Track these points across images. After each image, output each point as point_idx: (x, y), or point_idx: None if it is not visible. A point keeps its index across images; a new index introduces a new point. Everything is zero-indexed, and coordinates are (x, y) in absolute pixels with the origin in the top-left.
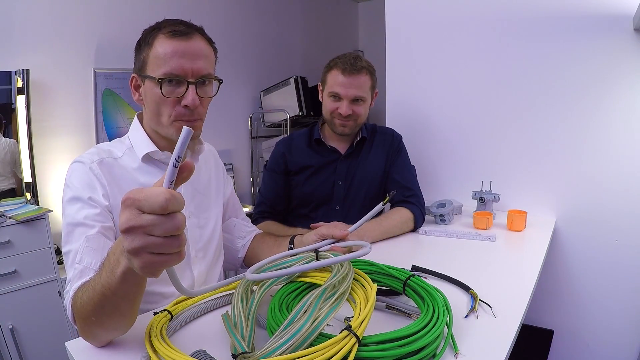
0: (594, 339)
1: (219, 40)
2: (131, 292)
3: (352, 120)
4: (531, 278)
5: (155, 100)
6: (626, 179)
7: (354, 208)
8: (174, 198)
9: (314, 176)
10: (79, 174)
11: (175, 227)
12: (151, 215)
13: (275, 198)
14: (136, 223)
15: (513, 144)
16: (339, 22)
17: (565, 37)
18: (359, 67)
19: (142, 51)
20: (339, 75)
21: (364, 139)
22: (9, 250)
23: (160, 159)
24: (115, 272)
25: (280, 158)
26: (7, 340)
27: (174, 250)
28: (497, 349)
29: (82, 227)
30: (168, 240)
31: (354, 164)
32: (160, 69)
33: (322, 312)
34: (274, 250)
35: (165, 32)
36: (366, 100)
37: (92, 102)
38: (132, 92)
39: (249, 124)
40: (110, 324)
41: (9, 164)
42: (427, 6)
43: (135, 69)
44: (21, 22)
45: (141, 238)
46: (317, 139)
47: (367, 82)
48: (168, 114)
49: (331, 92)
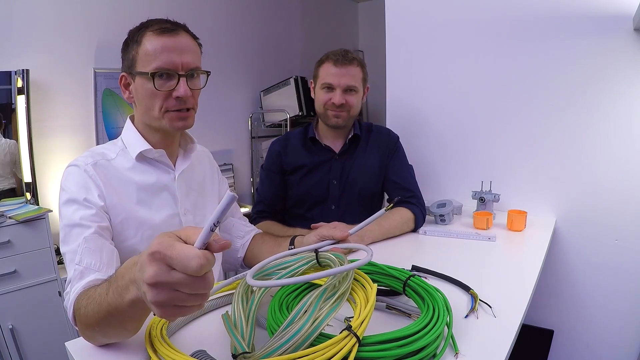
0: (594, 339)
1: (220, 40)
2: (138, 315)
3: (345, 110)
4: (531, 278)
5: (148, 95)
6: (626, 179)
7: (349, 207)
8: (208, 262)
9: (308, 176)
10: (73, 177)
11: (205, 288)
12: (182, 275)
13: (273, 197)
14: (165, 279)
15: (513, 143)
16: (339, 22)
17: (566, 37)
18: (350, 58)
19: (131, 50)
20: (331, 67)
21: (358, 137)
22: (9, 250)
23: (154, 157)
24: (124, 297)
25: (276, 158)
26: (7, 340)
27: (198, 303)
28: (497, 349)
29: (79, 228)
30: (195, 296)
31: (348, 163)
32: (151, 64)
33: (323, 312)
34: (275, 251)
35: (153, 29)
36: (358, 91)
37: (92, 102)
38: (122, 90)
39: (249, 124)
40: (113, 335)
41: (9, 164)
42: (427, 6)
43: (124, 68)
44: (21, 22)
45: (167, 293)
46: (311, 138)
47: (358, 73)
48: (159, 107)
49: (324, 83)
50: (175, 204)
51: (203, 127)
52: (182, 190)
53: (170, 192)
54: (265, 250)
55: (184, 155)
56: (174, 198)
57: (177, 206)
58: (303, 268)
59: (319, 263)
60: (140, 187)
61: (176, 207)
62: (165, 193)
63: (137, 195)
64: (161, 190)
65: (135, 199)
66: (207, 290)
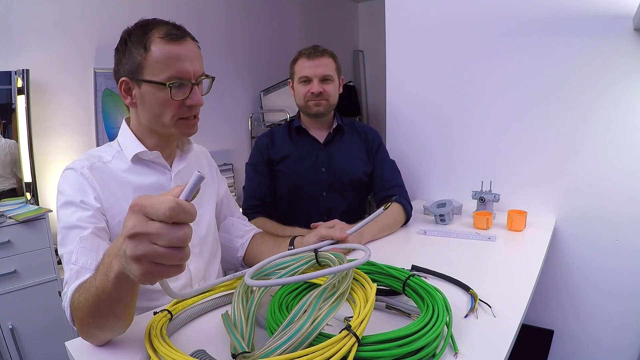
0: (594, 339)
1: (220, 40)
2: (125, 296)
3: (324, 99)
4: (531, 278)
5: (159, 103)
6: (626, 179)
7: (340, 193)
8: (181, 207)
9: (297, 164)
10: (70, 180)
11: (181, 239)
12: (158, 223)
13: (263, 189)
14: (142, 229)
15: (513, 143)
16: (339, 22)
17: (566, 36)
18: (321, 50)
19: (135, 54)
20: (305, 61)
21: (340, 127)
22: (9, 250)
23: (149, 159)
24: (109, 276)
25: (264, 149)
26: (7, 340)
27: (176, 262)
28: (497, 349)
29: (76, 230)
30: (172, 251)
31: (334, 151)
32: (164, 73)
33: (322, 312)
34: (275, 251)
35: (161, 35)
36: (334, 80)
37: (92, 102)
38: (123, 95)
39: (249, 124)
40: (106, 326)
41: (9, 164)
42: (427, 6)
43: (124, 72)
44: (21, 22)
45: (145, 246)
46: (298, 127)
47: (331, 63)
48: (172, 115)
49: (301, 77)
50: None
51: (203, 127)
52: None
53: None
54: (265, 251)
55: (181, 156)
56: None
57: None
58: (302, 268)
59: (318, 263)
60: (137, 188)
61: None
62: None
63: (134, 197)
64: (158, 192)
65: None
66: (184, 243)
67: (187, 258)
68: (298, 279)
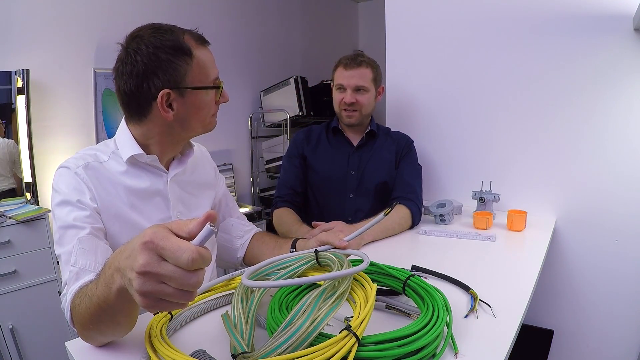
0: (594, 339)
1: (220, 40)
2: (127, 307)
3: (356, 109)
4: (531, 278)
5: (207, 106)
6: (626, 179)
7: (366, 197)
8: (201, 257)
9: (328, 165)
10: (65, 178)
11: (193, 285)
12: (172, 267)
13: (294, 179)
14: (154, 270)
15: (513, 143)
16: (339, 22)
17: (566, 36)
18: (359, 61)
19: (180, 62)
20: (342, 70)
21: (374, 133)
22: (9, 250)
23: (146, 162)
24: (111, 288)
25: (300, 144)
26: (7, 340)
27: (182, 302)
28: (497, 349)
29: (73, 229)
30: (181, 292)
31: (365, 156)
32: (210, 76)
33: (322, 312)
34: (275, 252)
35: (196, 40)
36: (369, 91)
37: (92, 102)
38: (163, 110)
39: (249, 124)
40: (108, 332)
41: (9, 164)
42: (427, 6)
43: (164, 84)
44: (21, 22)
45: (154, 285)
46: (334, 127)
47: (367, 74)
48: (213, 113)
49: (337, 84)
50: (168, 208)
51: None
52: (175, 193)
53: (163, 196)
54: (265, 251)
55: (179, 159)
56: (166, 202)
57: (169, 210)
58: (302, 268)
59: (318, 263)
60: (132, 191)
61: (168, 211)
62: (157, 198)
63: (129, 199)
64: (154, 195)
65: (127, 203)
66: (194, 289)
67: (194, 299)
68: (295, 282)
